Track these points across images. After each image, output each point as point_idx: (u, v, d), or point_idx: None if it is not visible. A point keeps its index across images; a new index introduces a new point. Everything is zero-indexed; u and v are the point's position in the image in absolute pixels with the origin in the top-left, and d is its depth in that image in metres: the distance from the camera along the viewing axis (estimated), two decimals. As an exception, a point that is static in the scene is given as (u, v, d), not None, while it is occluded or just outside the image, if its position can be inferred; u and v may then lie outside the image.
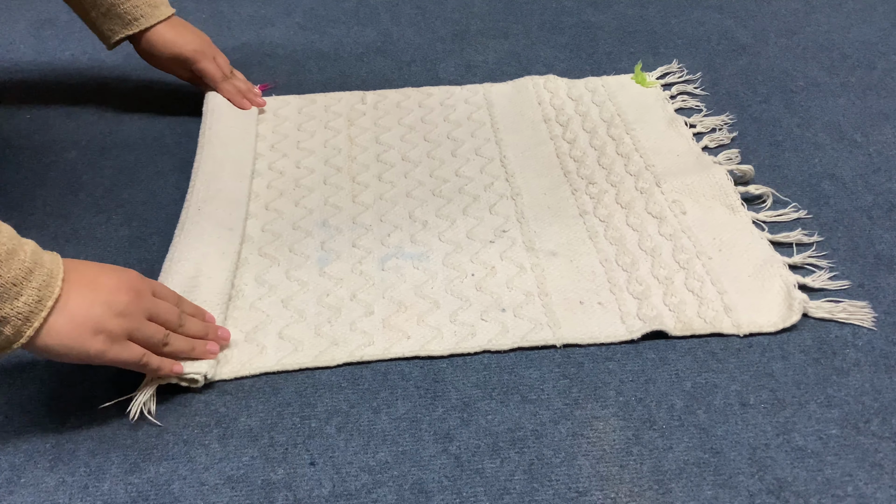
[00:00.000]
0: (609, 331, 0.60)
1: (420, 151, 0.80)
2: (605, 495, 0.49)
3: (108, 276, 0.51)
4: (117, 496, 0.50)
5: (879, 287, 0.64)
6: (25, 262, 0.47)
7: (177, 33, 0.80)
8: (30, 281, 0.46)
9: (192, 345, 0.55)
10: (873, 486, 0.50)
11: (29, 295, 0.46)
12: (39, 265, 0.48)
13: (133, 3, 0.76)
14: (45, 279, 0.47)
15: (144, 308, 0.52)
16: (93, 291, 0.49)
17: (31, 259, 0.47)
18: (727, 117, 0.84)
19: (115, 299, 0.50)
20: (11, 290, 0.45)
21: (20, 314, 0.46)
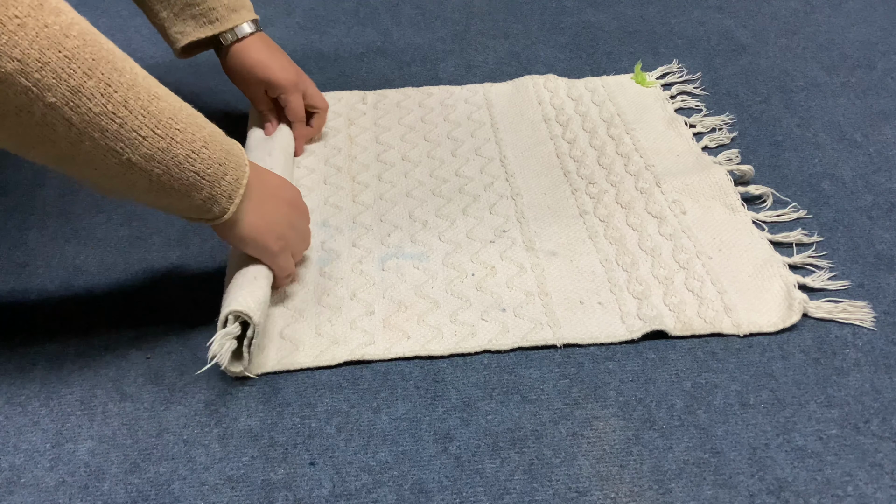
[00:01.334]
0: (609, 331, 0.60)
1: (420, 151, 0.80)
2: (605, 495, 0.49)
3: (286, 190, 0.59)
4: (117, 496, 0.50)
5: (879, 287, 0.64)
6: (223, 143, 0.52)
7: (271, 55, 0.74)
8: (229, 161, 0.52)
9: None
10: (873, 486, 0.50)
11: (230, 174, 0.52)
12: (232, 147, 0.53)
13: (210, 4, 0.70)
14: (237, 160, 0.53)
15: (304, 233, 0.62)
16: (278, 201, 0.58)
17: (226, 141, 0.53)
18: (727, 117, 0.84)
19: (291, 215, 0.59)
20: (218, 170, 0.51)
21: (225, 193, 0.52)
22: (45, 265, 0.67)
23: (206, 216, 0.53)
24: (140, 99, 0.46)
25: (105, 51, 0.45)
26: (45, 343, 0.60)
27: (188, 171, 0.49)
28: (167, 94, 0.49)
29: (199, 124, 0.51)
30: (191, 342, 0.60)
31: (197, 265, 0.67)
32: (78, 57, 0.43)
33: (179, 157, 0.49)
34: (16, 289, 0.65)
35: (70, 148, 0.45)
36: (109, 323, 0.61)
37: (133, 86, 0.46)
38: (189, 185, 0.50)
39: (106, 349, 0.59)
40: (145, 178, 0.48)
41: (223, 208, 0.53)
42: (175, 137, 0.48)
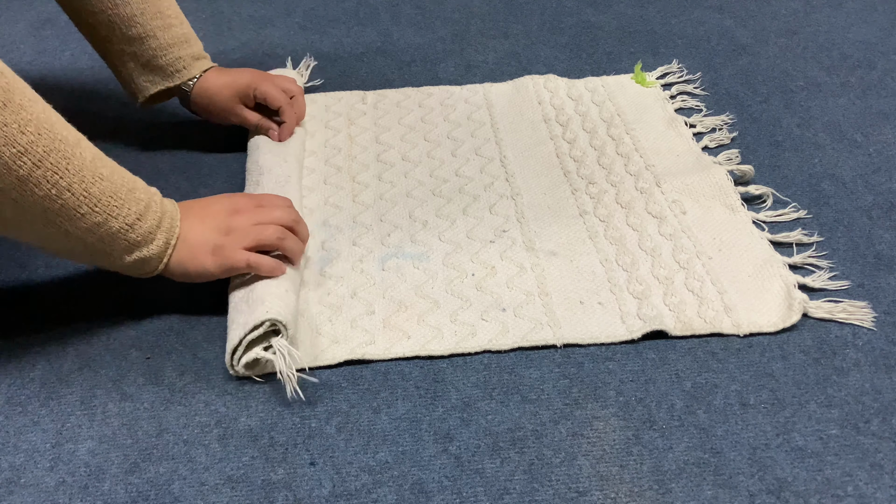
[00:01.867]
0: (609, 330, 0.60)
1: (420, 151, 0.80)
2: (605, 495, 0.49)
3: (215, 205, 0.60)
4: (117, 496, 0.50)
5: (879, 287, 0.64)
6: (157, 212, 0.56)
7: (226, 73, 0.76)
8: (161, 228, 0.56)
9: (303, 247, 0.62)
10: (873, 486, 0.50)
11: (160, 238, 0.56)
12: (165, 213, 0.57)
13: (176, 54, 0.73)
14: (169, 224, 0.57)
15: (251, 219, 0.59)
16: (202, 221, 0.59)
17: (160, 209, 0.56)
18: (727, 117, 0.84)
19: (221, 221, 0.59)
20: (149, 237, 0.55)
21: (154, 255, 0.56)
22: (45, 265, 0.67)
23: (139, 272, 0.57)
24: (84, 182, 0.51)
25: (58, 141, 0.50)
26: (45, 343, 0.60)
27: (120, 240, 0.54)
28: (111, 171, 0.54)
29: (137, 198, 0.55)
30: (191, 342, 0.60)
31: (197, 265, 0.67)
32: (30, 151, 0.48)
33: (114, 228, 0.53)
34: (16, 289, 0.65)
35: (14, 219, 0.51)
36: (109, 323, 0.61)
37: (79, 171, 0.51)
38: (122, 250, 0.55)
39: (106, 349, 0.59)
40: (80, 244, 0.53)
41: (153, 267, 0.57)
42: (112, 213, 0.53)
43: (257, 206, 0.60)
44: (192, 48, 0.74)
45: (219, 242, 0.58)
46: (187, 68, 0.74)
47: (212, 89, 0.75)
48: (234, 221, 0.59)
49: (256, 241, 0.58)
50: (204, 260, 0.57)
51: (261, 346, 0.55)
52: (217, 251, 0.57)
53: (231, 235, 0.58)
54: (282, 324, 0.55)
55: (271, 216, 0.60)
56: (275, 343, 0.55)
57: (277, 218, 0.60)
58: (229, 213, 0.59)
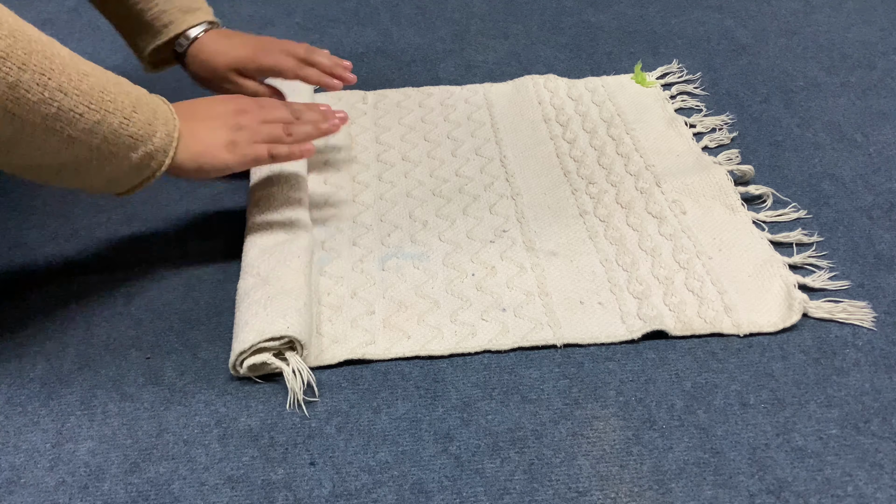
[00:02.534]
0: (609, 330, 0.60)
1: (420, 151, 0.80)
2: (605, 495, 0.49)
3: (219, 105, 0.62)
4: (117, 496, 0.50)
5: (879, 287, 0.64)
6: (150, 103, 0.56)
7: (228, 40, 0.71)
8: (157, 118, 0.56)
9: (313, 125, 0.64)
10: (873, 486, 0.50)
11: (161, 129, 0.56)
12: (157, 103, 0.57)
13: (160, 8, 0.69)
14: (164, 115, 0.57)
15: (258, 117, 0.62)
16: (211, 120, 0.60)
17: (151, 100, 0.57)
18: (727, 117, 0.84)
19: (233, 120, 0.61)
20: (149, 128, 0.55)
21: (159, 148, 0.56)
22: (45, 265, 0.67)
23: (147, 172, 0.57)
24: (72, 80, 0.50)
25: (35, 42, 0.49)
26: (45, 343, 0.60)
27: (123, 136, 0.53)
28: (93, 68, 0.53)
29: (126, 91, 0.55)
30: (191, 342, 0.60)
31: (197, 265, 0.67)
32: (11, 55, 0.47)
33: (114, 124, 0.53)
34: (16, 289, 0.65)
35: (14, 134, 0.49)
36: (109, 323, 0.61)
37: (64, 69, 0.50)
38: (127, 147, 0.54)
39: (106, 349, 0.59)
40: (86, 149, 0.52)
41: (160, 161, 0.56)
42: (108, 109, 0.52)
43: (260, 107, 0.63)
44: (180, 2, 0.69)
45: (232, 138, 0.60)
46: (175, 22, 0.69)
47: (204, 54, 0.70)
48: (243, 120, 0.61)
49: (269, 136, 0.61)
50: (221, 154, 0.59)
51: (270, 353, 0.55)
52: (232, 147, 0.60)
53: (242, 131, 0.60)
54: (300, 343, 0.56)
55: (275, 114, 0.63)
56: (291, 360, 0.55)
57: (281, 116, 0.63)
58: (235, 112, 0.61)
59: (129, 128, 0.54)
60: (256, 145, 0.61)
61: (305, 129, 0.64)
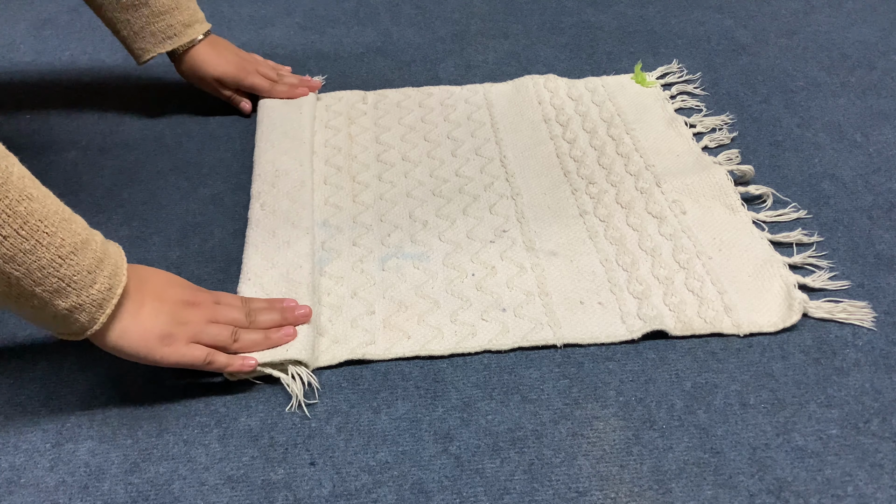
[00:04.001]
0: (609, 330, 0.60)
1: (420, 151, 0.80)
2: (605, 495, 0.49)
3: (171, 288, 0.55)
4: (117, 496, 0.50)
5: (879, 287, 0.64)
6: (97, 251, 0.50)
7: (217, 53, 0.81)
8: (101, 270, 0.49)
9: (264, 335, 0.57)
10: (873, 486, 0.50)
11: (101, 283, 0.49)
12: (108, 255, 0.51)
13: (167, 22, 0.77)
14: (113, 268, 0.50)
15: (206, 315, 0.55)
16: (160, 302, 0.53)
17: (101, 249, 0.50)
18: (727, 117, 0.84)
19: (179, 311, 0.54)
20: (87, 277, 0.48)
21: (94, 301, 0.49)
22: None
23: (74, 327, 0.49)
24: (8, 198, 0.44)
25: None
26: (45, 343, 0.60)
27: (52, 277, 0.47)
28: (44, 195, 0.47)
29: (72, 230, 0.48)
30: (191, 342, 0.60)
31: (197, 265, 0.67)
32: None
33: (43, 260, 0.46)
34: (16, 289, 0.65)
35: None
36: (109, 323, 0.61)
37: (3, 184, 0.44)
38: (52, 292, 0.47)
39: (106, 349, 0.59)
40: (3, 279, 0.46)
41: (92, 318, 0.49)
42: (41, 241, 0.46)
43: (215, 303, 0.56)
44: (182, 14, 0.78)
45: (171, 331, 0.53)
46: (178, 35, 0.78)
47: (194, 61, 0.81)
48: (190, 314, 0.54)
49: (212, 339, 0.54)
50: (153, 345, 0.52)
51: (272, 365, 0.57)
52: (168, 340, 0.52)
53: (184, 327, 0.53)
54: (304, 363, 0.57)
55: (227, 315, 0.56)
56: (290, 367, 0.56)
57: (233, 318, 0.56)
58: (185, 303, 0.55)
59: (62, 269, 0.47)
60: (194, 347, 0.53)
61: (254, 337, 0.56)
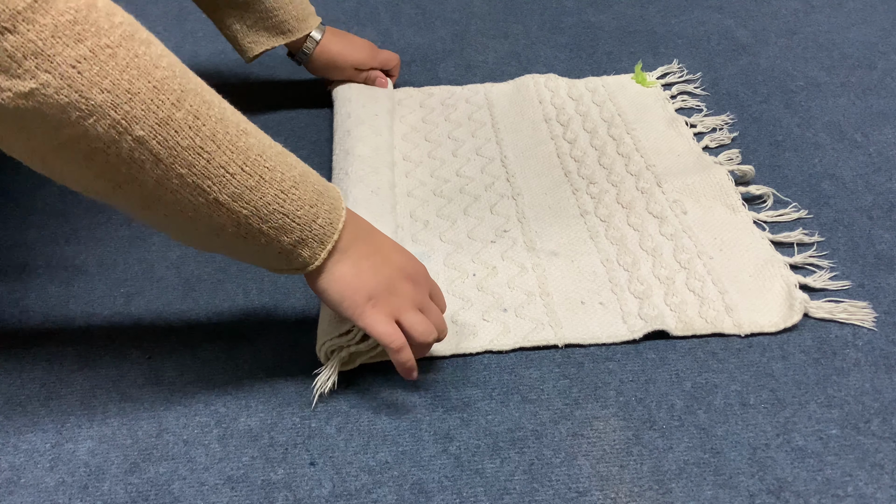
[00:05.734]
0: (610, 330, 0.60)
1: (421, 151, 0.80)
2: (605, 495, 0.49)
3: (397, 255, 0.54)
4: (117, 496, 0.50)
5: (880, 287, 0.64)
6: (316, 185, 0.49)
7: (347, 42, 0.84)
8: (322, 203, 0.49)
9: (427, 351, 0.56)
10: (873, 486, 0.50)
11: (322, 217, 0.48)
12: (327, 189, 0.50)
13: (280, 17, 0.77)
14: (332, 203, 0.50)
15: (418, 299, 0.53)
16: (383, 263, 0.52)
17: (319, 182, 0.50)
18: (727, 117, 0.84)
19: (398, 280, 0.52)
20: (310, 212, 0.48)
21: (316, 236, 0.48)
22: (45, 265, 0.67)
23: (295, 264, 0.49)
24: (228, 133, 0.44)
25: (194, 83, 0.44)
26: (45, 343, 0.60)
27: (277, 213, 0.46)
28: (255, 130, 0.47)
29: (289, 163, 0.48)
30: (191, 342, 0.60)
31: (197, 265, 0.67)
32: (167, 88, 0.41)
33: (268, 196, 0.46)
34: (16, 289, 0.65)
35: (156, 187, 0.43)
36: (109, 323, 0.61)
37: (221, 119, 0.44)
38: (278, 228, 0.47)
39: (106, 349, 0.59)
40: (233, 220, 0.45)
41: (314, 253, 0.49)
42: (264, 176, 0.45)
43: (426, 293, 0.54)
44: (295, 9, 0.78)
45: (380, 295, 0.51)
46: (292, 30, 0.79)
47: (328, 54, 0.82)
48: (405, 287, 0.53)
49: (409, 326, 0.52)
50: (359, 299, 0.50)
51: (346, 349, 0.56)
52: (373, 304, 0.51)
53: (392, 298, 0.52)
54: None
55: (433, 315, 0.54)
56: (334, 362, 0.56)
57: (435, 321, 0.54)
58: (405, 275, 0.53)
59: (286, 204, 0.46)
60: (393, 325, 0.51)
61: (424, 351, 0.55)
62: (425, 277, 0.55)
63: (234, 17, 0.77)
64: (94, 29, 0.39)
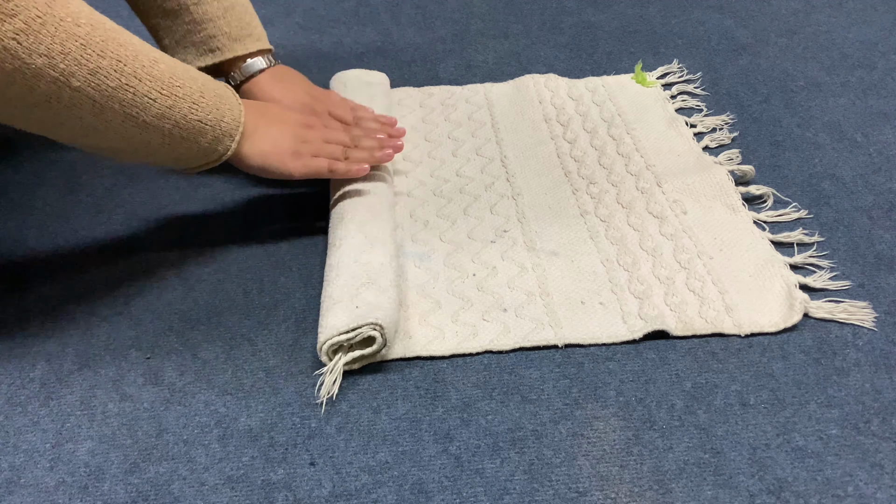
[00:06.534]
0: (611, 331, 0.60)
1: (421, 151, 0.80)
2: (605, 495, 0.49)
3: (289, 113, 0.66)
4: (117, 496, 0.50)
5: (880, 287, 0.64)
6: (216, 89, 0.59)
7: (284, 89, 0.71)
8: (223, 104, 0.59)
9: (369, 153, 0.67)
10: (873, 486, 0.50)
11: (228, 115, 0.59)
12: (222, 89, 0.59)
13: (209, 32, 0.68)
14: (230, 101, 0.60)
15: (321, 135, 0.66)
16: (284, 125, 0.64)
17: (216, 86, 0.59)
18: (727, 117, 0.84)
19: (301, 131, 0.64)
20: (216, 113, 0.58)
21: (226, 132, 0.59)
22: (45, 265, 0.67)
23: (214, 156, 0.59)
24: (145, 67, 0.52)
25: (109, 29, 0.51)
26: (45, 343, 0.60)
27: (192, 121, 0.56)
28: (162, 55, 0.55)
29: (192, 76, 0.57)
30: (191, 342, 0.60)
31: (196, 265, 0.67)
32: (91, 42, 0.48)
33: (184, 110, 0.55)
34: (16, 288, 0.65)
35: (94, 121, 0.51)
36: (109, 323, 0.61)
37: (137, 56, 0.52)
38: (196, 132, 0.57)
39: (106, 349, 0.59)
40: (159, 134, 0.55)
41: (226, 146, 0.59)
42: (177, 94, 0.55)
43: (325, 126, 0.67)
44: (228, 26, 0.69)
45: (297, 148, 0.63)
46: (221, 49, 0.69)
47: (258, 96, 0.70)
48: (309, 133, 0.65)
49: (329, 154, 0.65)
50: (286, 159, 0.62)
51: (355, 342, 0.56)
52: (296, 156, 0.63)
53: (306, 144, 0.64)
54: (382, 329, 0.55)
55: (336, 137, 0.67)
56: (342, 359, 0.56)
57: (341, 139, 0.67)
58: (303, 125, 0.65)
59: (198, 112, 0.56)
60: (317, 159, 0.64)
61: (361, 154, 0.67)
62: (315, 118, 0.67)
63: (164, 29, 0.69)
64: (23, 3, 0.45)
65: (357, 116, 0.72)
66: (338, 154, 0.66)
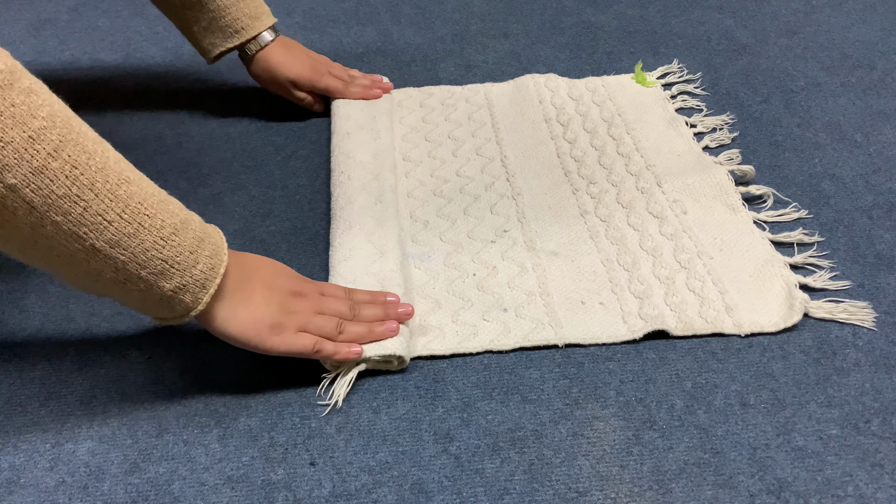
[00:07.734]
0: (611, 330, 0.60)
1: (421, 151, 0.80)
2: (605, 495, 0.49)
3: (280, 279, 0.56)
4: (117, 496, 0.50)
5: (880, 287, 0.64)
6: (197, 231, 0.50)
7: (290, 55, 0.81)
8: (202, 250, 0.49)
9: (368, 328, 0.57)
10: (873, 486, 0.50)
11: (203, 263, 0.49)
12: (208, 235, 0.51)
13: (233, 16, 0.77)
14: (213, 249, 0.51)
15: (313, 306, 0.56)
16: (270, 291, 0.54)
17: (200, 229, 0.50)
18: (727, 117, 0.84)
19: (288, 301, 0.55)
20: (189, 258, 0.48)
21: (197, 282, 0.49)
22: (45, 265, 0.67)
23: (178, 309, 0.50)
24: (108, 182, 0.45)
25: (75, 133, 0.44)
26: (45, 343, 0.60)
27: (156, 259, 0.47)
28: (140, 178, 0.48)
29: (170, 210, 0.48)
30: (191, 342, 0.60)
31: (197, 265, 0.67)
32: (44, 138, 0.42)
33: (147, 243, 0.46)
34: (15, 289, 0.65)
35: (31, 232, 0.43)
36: (109, 323, 0.61)
37: (102, 169, 0.44)
38: (157, 273, 0.47)
39: (106, 349, 0.59)
40: (110, 265, 0.46)
41: (196, 298, 0.49)
42: (143, 223, 0.46)
43: (319, 295, 0.57)
44: (247, 6, 0.78)
45: (280, 320, 0.53)
46: (245, 28, 0.78)
47: (268, 62, 0.80)
48: (298, 304, 0.55)
49: (318, 329, 0.55)
50: (265, 334, 0.53)
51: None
52: (277, 329, 0.53)
53: (292, 316, 0.54)
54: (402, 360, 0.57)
55: (332, 307, 0.56)
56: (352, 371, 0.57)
57: (338, 310, 0.56)
58: (293, 293, 0.55)
59: (164, 250, 0.47)
60: (302, 336, 0.54)
61: (358, 329, 0.56)
62: (310, 286, 0.58)
63: (191, 19, 0.77)
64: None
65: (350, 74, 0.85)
66: (329, 329, 0.55)
